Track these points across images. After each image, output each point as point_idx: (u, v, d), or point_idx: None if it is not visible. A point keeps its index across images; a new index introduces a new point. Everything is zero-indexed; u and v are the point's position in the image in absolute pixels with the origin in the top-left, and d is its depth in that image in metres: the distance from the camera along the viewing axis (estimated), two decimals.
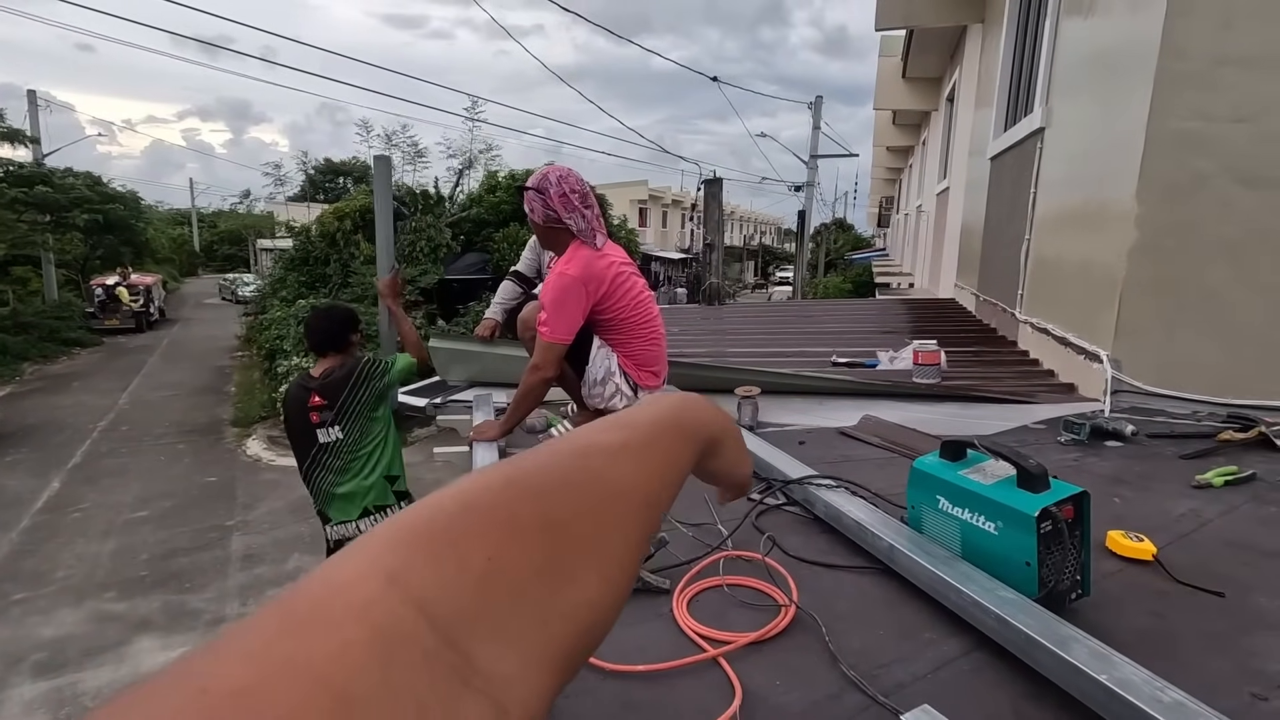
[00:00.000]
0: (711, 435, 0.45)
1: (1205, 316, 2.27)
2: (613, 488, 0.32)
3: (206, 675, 0.19)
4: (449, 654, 0.22)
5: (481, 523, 0.27)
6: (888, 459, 2.02)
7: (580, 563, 0.29)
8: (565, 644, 0.27)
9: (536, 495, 0.29)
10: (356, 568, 0.24)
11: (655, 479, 0.36)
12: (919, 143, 13.42)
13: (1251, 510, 1.61)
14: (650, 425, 0.39)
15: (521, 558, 0.26)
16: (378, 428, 2.79)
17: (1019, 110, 4.51)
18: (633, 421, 0.39)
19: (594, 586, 0.29)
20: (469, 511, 0.27)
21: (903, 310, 6.24)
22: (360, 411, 2.73)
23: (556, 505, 0.29)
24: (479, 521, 0.27)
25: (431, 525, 0.26)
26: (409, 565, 0.24)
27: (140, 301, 19.90)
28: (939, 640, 1.15)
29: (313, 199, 25.36)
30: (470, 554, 0.25)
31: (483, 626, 0.24)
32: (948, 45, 8.49)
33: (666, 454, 0.38)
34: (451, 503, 0.27)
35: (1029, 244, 3.61)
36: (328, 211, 14.40)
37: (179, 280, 33.14)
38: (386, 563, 0.24)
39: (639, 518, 0.33)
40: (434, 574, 0.24)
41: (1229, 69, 2.14)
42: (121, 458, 9.36)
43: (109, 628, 5.35)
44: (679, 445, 0.40)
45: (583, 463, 0.33)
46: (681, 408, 0.43)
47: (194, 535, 7.03)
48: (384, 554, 0.24)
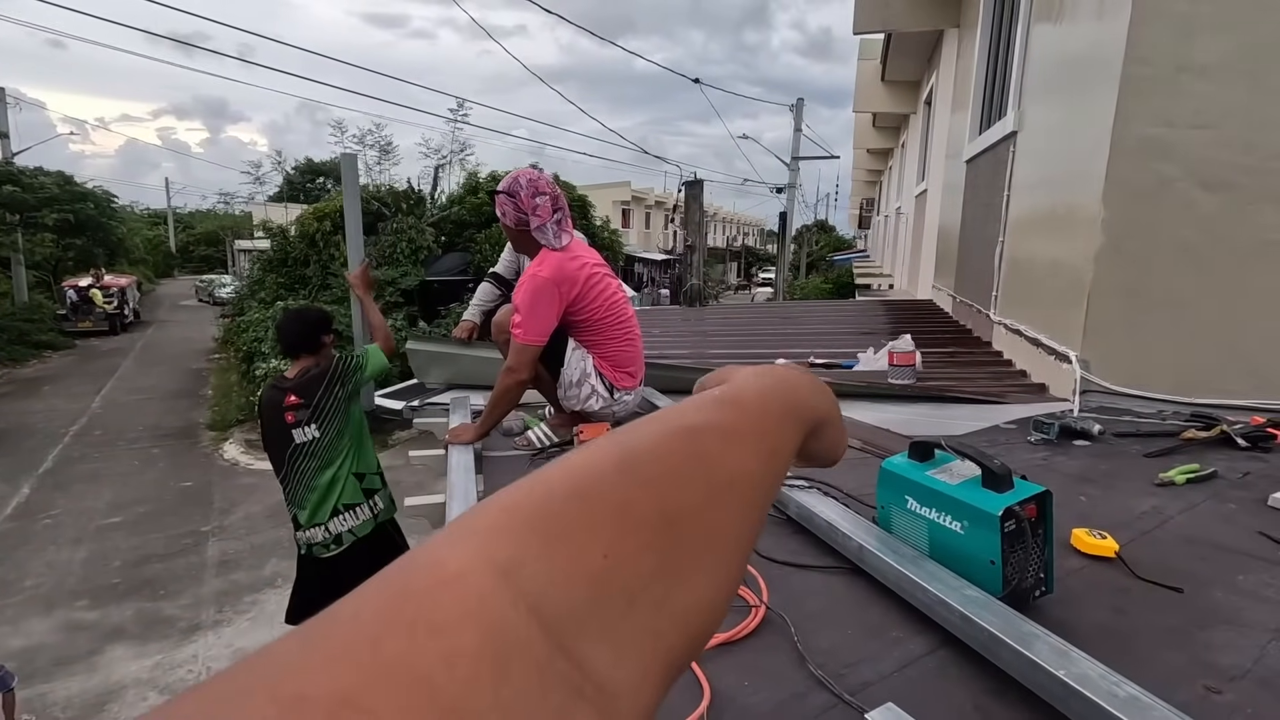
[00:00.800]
0: (818, 418, 0.41)
1: (1168, 318, 2.33)
2: (727, 476, 0.30)
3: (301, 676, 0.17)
4: (562, 662, 0.20)
5: (596, 513, 0.24)
6: (860, 459, 2.04)
7: (694, 562, 0.26)
8: (675, 652, 0.24)
9: (650, 484, 0.26)
10: (466, 556, 0.21)
11: (765, 465, 0.32)
12: (898, 145, 13.57)
13: (1211, 507, 1.65)
14: (760, 406, 0.35)
15: (639, 555, 0.24)
16: (350, 424, 2.79)
17: (993, 114, 4.58)
18: (741, 399, 0.35)
19: (706, 588, 0.26)
20: (582, 499, 0.25)
21: (881, 311, 6.31)
22: (336, 409, 2.73)
23: (672, 496, 0.27)
24: (593, 512, 0.24)
25: (544, 512, 0.24)
26: (522, 558, 0.22)
27: (114, 303, 19.56)
28: (906, 639, 1.17)
29: (292, 199, 25.05)
30: (586, 548, 0.23)
31: (595, 630, 0.22)
32: (925, 49, 8.60)
33: (777, 438, 0.35)
34: (562, 487, 0.25)
35: (1003, 246, 3.66)
36: (307, 212, 14.25)
37: (154, 282, 32.61)
38: (497, 552, 0.22)
39: (751, 510, 0.30)
40: (547, 569, 0.22)
41: (1189, 76, 2.19)
42: (94, 463, 9.19)
43: (80, 637, 5.26)
44: (788, 429, 0.36)
45: (696, 446, 0.30)
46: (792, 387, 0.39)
47: (168, 541, 6.92)
48: (493, 541, 0.22)
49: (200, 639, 5.28)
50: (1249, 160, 2.19)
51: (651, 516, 0.25)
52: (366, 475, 2.86)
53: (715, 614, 0.27)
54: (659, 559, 0.25)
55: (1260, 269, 2.24)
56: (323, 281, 13.01)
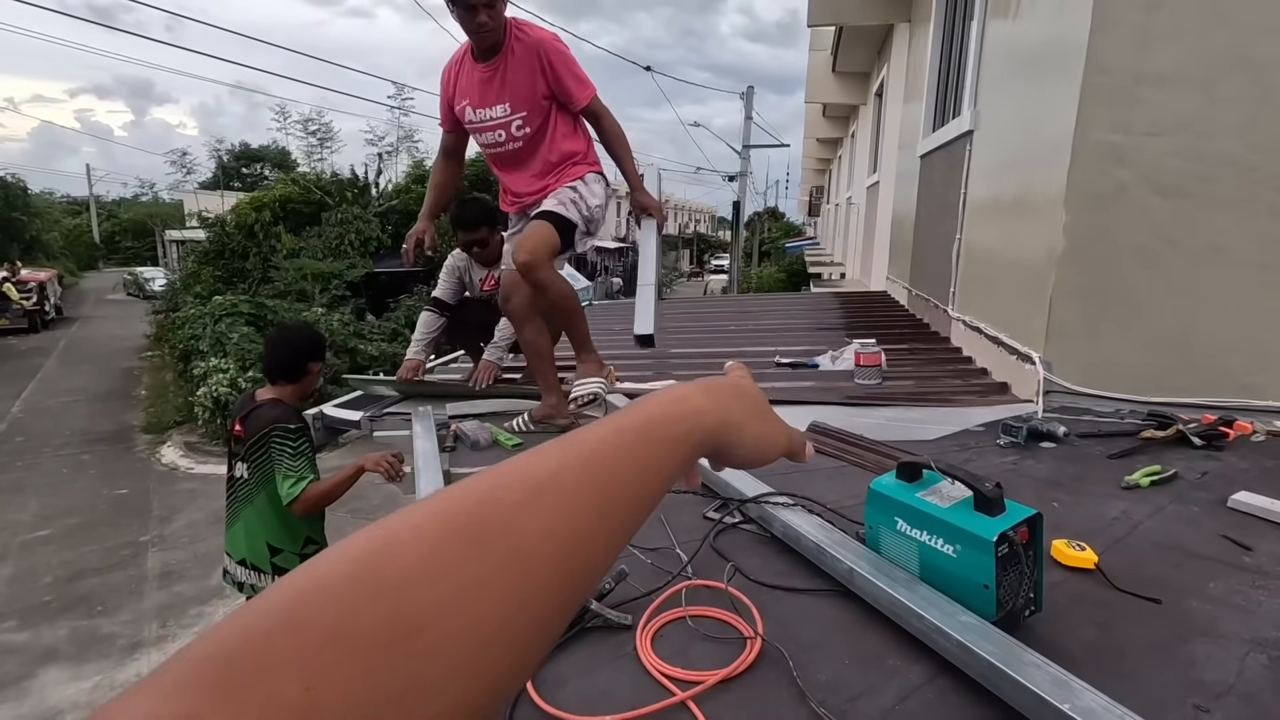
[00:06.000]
0: (708, 426, 0.37)
1: (1125, 319, 2.40)
2: (515, 550, 0.26)
3: None
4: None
5: (306, 642, 0.22)
6: (837, 469, 2.04)
7: (442, 671, 0.23)
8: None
9: (389, 592, 0.24)
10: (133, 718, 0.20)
11: (591, 519, 0.28)
12: (848, 135, 13.77)
13: (1176, 511, 1.70)
14: (602, 440, 0.31)
15: (352, 683, 0.22)
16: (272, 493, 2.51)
17: (948, 111, 4.65)
18: (580, 441, 0.31)
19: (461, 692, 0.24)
20: (290, 629, 0.22)
21: (838, 305, 6.39)
22: (262, 465, 2.51)
23: (415, 601, 0.24)
24: (301, 640, 0.22)
25: (241, 653, 0.21)
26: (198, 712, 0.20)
27: (33, 299, 18.38)
28: (903, 667, 1.15)
29: (227, 187, 23.89)
30: (284, 685, 0.21)
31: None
32: (875, 42, 8.70)
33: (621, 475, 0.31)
34: (276, 616, 0.23)
35: (960, 243, 3.73)
36: (244, 201, 13.65)
37: (77, 275, 30.77)
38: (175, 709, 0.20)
39: (552, 581, 0.27)
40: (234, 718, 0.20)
41: (1145, 86, 2.24)
42: (16, 472, 8.63)
43: (8, 660, 4.94)
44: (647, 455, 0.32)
45: (478, 520, 0.26)
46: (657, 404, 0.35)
47: (104, 554, 6.57)
48: (170, 698, 0.20)
49: (143, 656, 5.02)
50: (1200, 168, 2.26)
51: (380, 633, 0.23)
52: (282, 552, 2.58)
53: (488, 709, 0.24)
54: (387, 680, 0.22)
55: (1209, 272, 2.32)
56: (263, 275, 12.49)
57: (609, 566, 0.30)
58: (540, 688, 1.09)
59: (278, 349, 2.63)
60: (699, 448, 0.36)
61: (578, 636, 1.24)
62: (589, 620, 1.25)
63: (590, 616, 1.25)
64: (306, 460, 2.49)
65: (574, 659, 1.19)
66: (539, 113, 2.21)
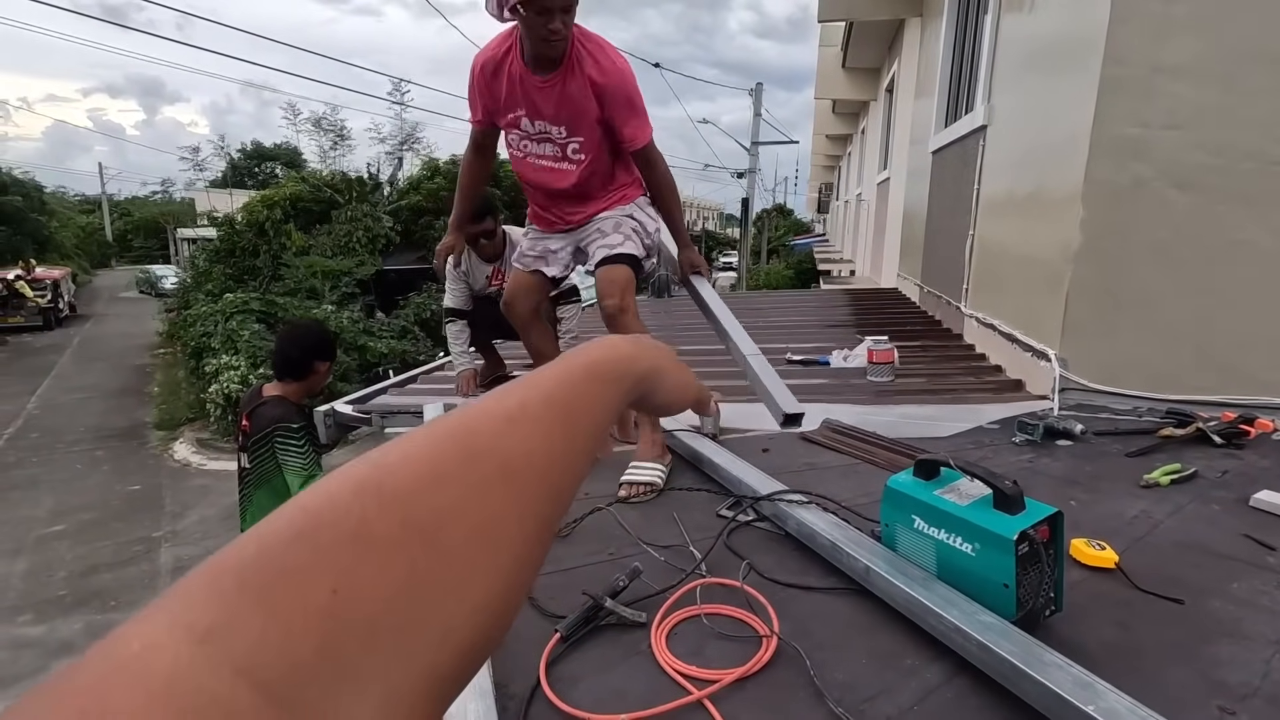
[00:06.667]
0: (639, 372, 0.42)
1: (1143, 315, 2.37)
2: (503, 466, 0.28)
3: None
4: None
5: (323, 548, 0.22)
6: (850, 466, 2.02)
7: (456, 571, 0.25)
8: (440, 669, 0.23)
9: (394, 500, 0.25)
10: (154, 630, 0.19)
11: (561, 440, 0.32)
12: (858, 131, 13.68)
13: (1197, 510, 1.68)
14: (557, 378, 0.35)
15: (377, 580, 0.22)
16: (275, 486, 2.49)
17: (960, 106, 4.61)
18: (536, 380, 0.35)
19: (477, 594, 0.25)
20: (304, 537, 0.23)
21: (849, 302, 6.35)
22: (264, 460, 2.49)
23: (420, 507, 0.25)
24: (319, 547, 0.22)
25: (258, 561, 0.22)
26: (227, 619, 0.20)
27: (48, 296, 18.57)
28: (920, 667, 1.14)
29: (237, 185, 24.03)
30: (309, 589, 0.21)
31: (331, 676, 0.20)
32: (886, 37, 8.64)
33: (578, 407, 0.34)
34: (286, 528, 0.23)
35: (973, 239, 3.70)
36: (255, 199, 13.72)
37: (90, 273, 31.05)
38: (197, 619, 0.20)
39: (538, 494, 0.29)
40: (261, 624, 0.20)
41: (1163, 77, 2.21)
42: (31, 468, 8.73)
43: (24, 654, 5.00)
44: (595, 391, 0.36)
45: (463, 443, 0.28)
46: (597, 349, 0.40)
47: (118, 549, 6.63)
48: (191, 609, 0.20)
49: None
50: (1219, 161, 2.22)
51: (394, 534, 0.24)
52: None
53: (496, 616, 0.26)
54: (406, 578, 0.23)
55: (1229, 267, 2.29)
56: (274, 272, 12.55)
57: (580, 488, 0.33)
58: (555, 685, 1.09)
59: (287, 346, 2.64)
60: (633, 389, 0.41)
61: (592, 634, 1.23)
62: (604, 618, 1.24)
63: (605, 614, 1.24)
64: (313, 457, 2.52)
65: (589, 657, 1.18)
66: (595, 137, 2.05)
